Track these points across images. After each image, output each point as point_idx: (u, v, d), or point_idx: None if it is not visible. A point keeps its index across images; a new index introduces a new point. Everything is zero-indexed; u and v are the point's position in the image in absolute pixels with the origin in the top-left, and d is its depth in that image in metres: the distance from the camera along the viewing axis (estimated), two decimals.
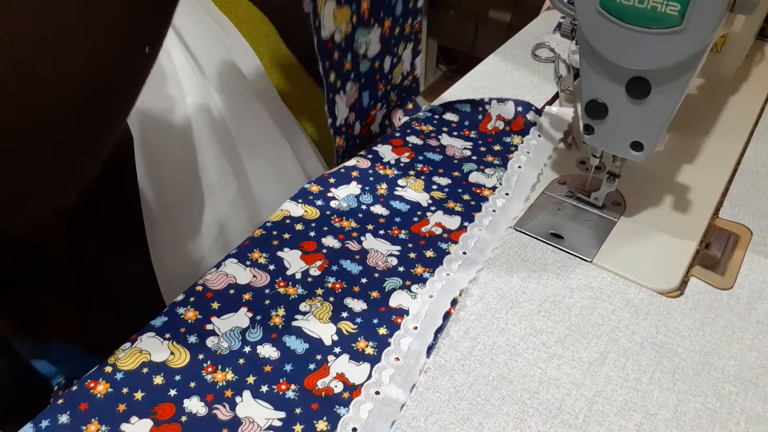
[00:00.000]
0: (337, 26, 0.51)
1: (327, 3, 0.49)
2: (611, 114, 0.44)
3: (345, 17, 0.51)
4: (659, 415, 0.37)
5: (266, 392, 0.39)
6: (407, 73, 0.64)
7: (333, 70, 0.53)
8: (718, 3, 0.34)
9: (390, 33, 0.57)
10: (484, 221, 0.51)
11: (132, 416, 0.37)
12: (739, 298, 0.44)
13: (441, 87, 1.99)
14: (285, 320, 0.43)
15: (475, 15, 2.02)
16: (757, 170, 0.56)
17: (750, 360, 0.40)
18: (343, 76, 0.55)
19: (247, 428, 0.37)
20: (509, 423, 0.37)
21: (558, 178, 0.55)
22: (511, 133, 0.61)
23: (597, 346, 0.41)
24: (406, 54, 0.61)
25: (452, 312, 0.44)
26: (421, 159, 0.59)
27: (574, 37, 0.45)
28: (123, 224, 0.49)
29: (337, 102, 0.55)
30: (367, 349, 0.41)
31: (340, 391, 0.39)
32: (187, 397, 0.38)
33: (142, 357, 0.41)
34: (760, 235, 0.49)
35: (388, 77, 0.60)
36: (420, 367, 0.40)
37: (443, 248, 0.49)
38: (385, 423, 0.37)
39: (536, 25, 0.84)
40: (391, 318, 0.43)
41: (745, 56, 0.67)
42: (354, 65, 0.55)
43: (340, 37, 0.52)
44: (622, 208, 0.52)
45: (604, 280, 0.46)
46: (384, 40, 0.57)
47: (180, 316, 0.43)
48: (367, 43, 0.55)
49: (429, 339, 0.42)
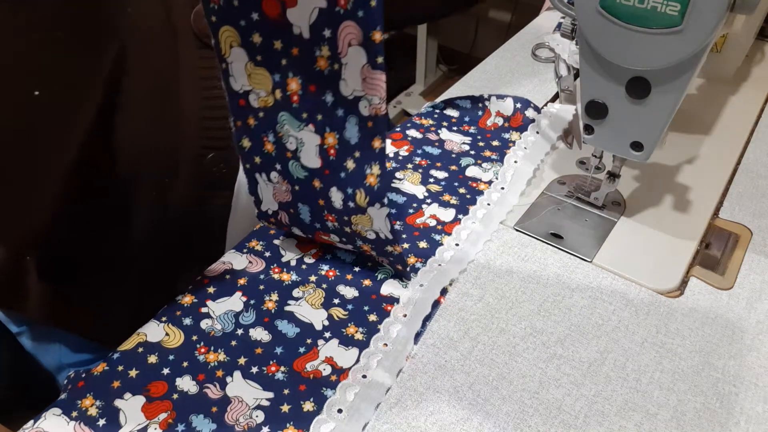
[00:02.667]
0: (252, 87, 0.40)
1: (233, 48, 0.38)
2: (611, 114, 0.44)
3: (264, 83, 0.39)
4: (659, 415, 0.37)
5: (256, 373, 0.40)
6: (380, 233, 0.42)
7: (249, 139, 0.42)
8: (718, 3, 0.34)
9: (337, 157, 0.39)
10: (478, 214, 0.52)
11: (126, 393, 0.39)
12: (739, 298, 0.44)
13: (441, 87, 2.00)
14: (278, 305, 0.45)
15: (475, 15, 2.02)
16: (757, 170, 0.56)
17: (750, 360, 0.40)
18: (265, 158, 0.43)
19: (236, 407, 0.38)
20: (509, 423, 0.37)
21: (558, 178, 0.55)
22: (509, 130, 0.61)
23: (597, 346, 0.41)
24: (371, 210, 0.40)
25: (441, 301, 0.45)
26: (419, 152, 0.59)
27: (574, 37, 0.45)
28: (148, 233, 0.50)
29: (260, 183, 0.45)
30: (357, 334, 0.42)
31: (328, 373, 0.40)
32: (180, 376, 0.40)
33: (139, 338, 0.42)
34: (760, 235, 0.49)
35: (344, 218, 0.42)
36: (407, 353, 0.41)
37: (436, 240, 0.49)
38: (371, 405, 0.38)
39: (536, 25, 0.84)
40: (381, 305, 0.44)
41: (745, 56, 0.67)
42: (280, 155, 0.42)
43: (257, 103, 0.40)
44: (622, 208, 0.52)
45: (604, 280, 0.46)
46: (325, 157, 0.40)
47: (177, 301, 0.45)
48: (298, 142, 0.40)
49: (417, 326, 0.43)
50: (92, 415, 0.37)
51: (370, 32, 0.33)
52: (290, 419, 0.37)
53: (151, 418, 0.37)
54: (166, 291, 0.45)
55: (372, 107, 0.36)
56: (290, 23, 0.36)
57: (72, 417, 0.37)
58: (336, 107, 0.37)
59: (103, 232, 0.50)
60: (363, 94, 0.35)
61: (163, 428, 0.37)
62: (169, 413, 0.38)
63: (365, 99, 0.36)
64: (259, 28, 0.37)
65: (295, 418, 0.37)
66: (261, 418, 0.37)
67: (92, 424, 0.37)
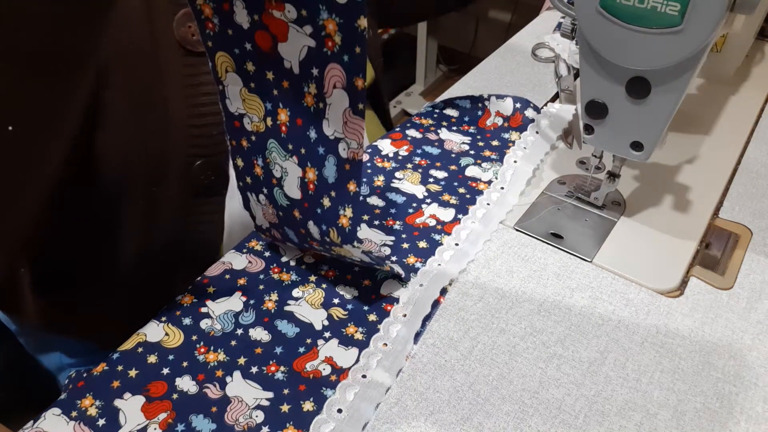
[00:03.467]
0: (246, 111, 0.41)
1: (229, 73, 0.39)
2: (611, 114, 0.44)
3: (257, 109, 0.40)
4: (659, 415, 0.37)
5: (256, 373, 0.40)
6: (364, 261, 0.43)
7: (242, 159, 0.44)
8: (718, 3, 0.34)
9: (315, 193, 0.39)
10: (478, 214, 0.52)
11: (125, 392, 0.39)
12: (739, 298, 0.44)
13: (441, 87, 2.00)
14: (278, 305, 0.45)
15: (475, 15, 2.02)
16: (757, 170, 0.56)
17: (750, 360, 0.40)
18: (255, 180, 0.44)
19: (236, 407, 0.38)
20: (509, 423, 0.37)
21: (558, 178, 0.55)
22: (509, 130, 0.61)
23: (597, 346, 0.41)
24: (347, 247, 0.40)
25: (441, 300, 0.45)
26: (419, 152, 0.59)
27: (574, 37, 0.45)
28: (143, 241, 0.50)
29: (251, 202, 0.46)
30: (357, 334, 0.42)
31: (327, 373, 0.40)
32: (179, 376, 0.40)
33: (138, 338, 0.42)
34: (760, 235, 0.49)
35: (326, 246, 0.43)
36: (407, 353, 0.41)
37: (436, 239, 0.49)
38: (370, 405, 0.38)
39: (536, 25, 0.84)
40: (381, 305, 0.44)
41: (745, 56, 0.67)
42: (267, 180, 0.43)
43: (250, 127, 0.41)
44: (622, 208, 0.52)
45: (604, 280, 0.46)
46: (304, 191, 0.40)
47: (177, 301, 0.45)
48: (283, 171, 0.41)
49: (417, 326, 0.43)
50: (92, 415, 0.37)
51: (353, 78, 0.33)
52: (290, 419, 0.37)
53: (150, 418, 0.37)
54: (160, 298, 0.45)
55: (350, 151, 0.36)
56: (282, 57, 0.36)
57: (71, 417, 0.37)
58: (318, 144, 0.37)
59: (94, 243, 0.50)
60: (343, 136, 0.36)
61: (163, 428, 0.37)
62: (168, 413, 0.38)
63: (345, 141, 0.36)
64: (252, 57, 0.37)
65: (294, 418, 0.37)
66: (261, 418, 0.37)
67: (92, 424, 0.37)
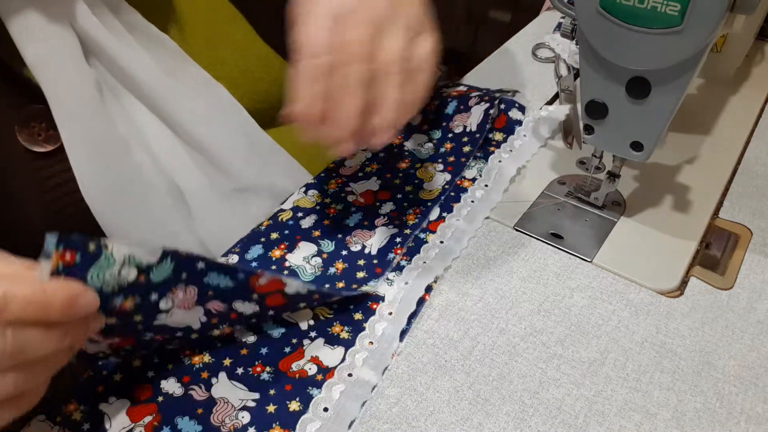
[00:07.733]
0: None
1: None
2: (611, 114, 0.44)
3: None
4: (659, 415, 0.37)
5: (242, 374, 0.40)
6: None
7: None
8: (718, 3, 0.34)
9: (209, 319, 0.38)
10: (462, 211, 0.52)
11: (110, 396, 0.38)
12: (739, 298, 0.44)
13: None
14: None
15: (475, 15, 2.02)
16: (757, 170, 0.56)
17: (750, 360, 0.40)
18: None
19: (221, 408, 0.38)
20: (509, 423, 0.37)
21: (558, 178, 0.55)
22: (492, 130, 0.61)
23: (597, 346, 0.41)
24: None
25: (427, 298, 0.45)
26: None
27: (574, 37, 0.45)
28: None
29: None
30: (342, 333, 0.42)
31: (314, 373, 0.40)
32: (165, 379, 0.39)
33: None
34: (760, 235, 0.49)
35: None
36: (393, 351, 0.41)
37: (421, 237, 0.49)
38: (356, 403, 0.38)
39: (536, 25, 0.84)
40: (367, 304, 0.44)
41: (745, 56, 0.67)
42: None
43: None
44: (622, 208, 0.52)
45: (604, 280, 0.46)
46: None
47: None
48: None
49: (402, 324, 0.43)
50: (76, 419, 0.37)
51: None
52: (276, 419, 0.37)
53: (136, 421, 0.37)
54: None
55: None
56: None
57: (56, 422, 0.37)
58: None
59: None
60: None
61: (149, 431, 0.37)
62: (154, 416, 0.37)
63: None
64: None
65: (281, 417, 0.37)
66: (247, 419, 0.37)
67: (77, 429, 0.37)
